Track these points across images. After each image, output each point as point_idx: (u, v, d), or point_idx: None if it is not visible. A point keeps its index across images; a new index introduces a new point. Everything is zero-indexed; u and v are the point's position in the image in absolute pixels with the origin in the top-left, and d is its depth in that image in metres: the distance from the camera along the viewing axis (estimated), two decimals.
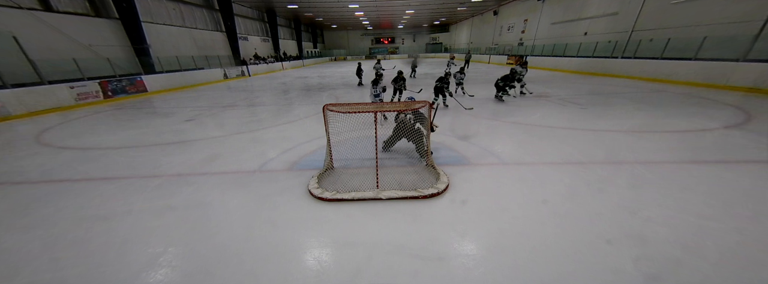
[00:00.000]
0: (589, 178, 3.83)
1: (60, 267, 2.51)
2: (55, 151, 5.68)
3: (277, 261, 2.51)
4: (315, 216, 3.17)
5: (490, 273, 2.30)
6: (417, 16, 35.42)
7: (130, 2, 13.71)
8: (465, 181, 3.84)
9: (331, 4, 26.41)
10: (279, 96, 12.19)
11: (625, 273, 2.24)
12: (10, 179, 4.43)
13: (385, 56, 47.40)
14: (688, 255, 2.41)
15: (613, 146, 4.97)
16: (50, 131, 7.24)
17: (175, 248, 2.72)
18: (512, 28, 27.75)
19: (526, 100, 9.25)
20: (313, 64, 38.40)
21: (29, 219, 3.31)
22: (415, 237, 2.76)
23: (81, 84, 10.68)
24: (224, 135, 6.36)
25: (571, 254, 2.46)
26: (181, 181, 4.14)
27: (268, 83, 17.60)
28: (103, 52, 13.06)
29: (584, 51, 16.89)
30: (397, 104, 4.14)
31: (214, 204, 3.48)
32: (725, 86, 9.60)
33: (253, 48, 27.35)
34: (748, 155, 4.41)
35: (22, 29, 10.22)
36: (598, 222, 2.88)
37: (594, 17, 17.34)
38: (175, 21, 18.16)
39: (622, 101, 8.51)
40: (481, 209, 3.20)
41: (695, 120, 6.28)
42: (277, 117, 6.10)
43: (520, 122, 6.64)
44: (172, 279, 2.35)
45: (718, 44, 10.34)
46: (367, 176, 4.00)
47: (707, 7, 11.39)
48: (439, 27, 48.79)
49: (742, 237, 2.61)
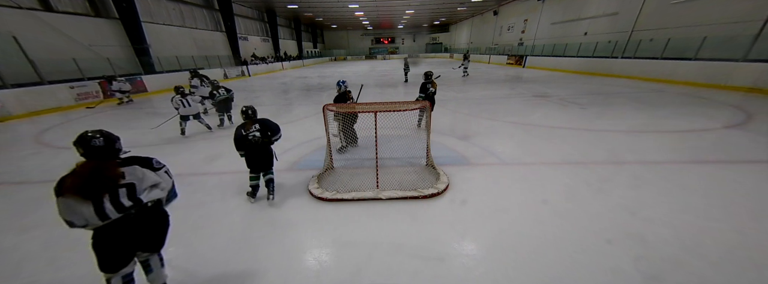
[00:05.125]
0: (589, 178, 3.83)
1: (60, 267, 2.52)
2: (55, 151, 5.68)
3: (277, 261, 2.51)
4: (315, 216, 3.17)
5: (490, 273, 2.30)
6: (417, 16, 35.42)
7: (130, 2, 13.71)
8: (465, 181, 3.84)
9: (331, 4, 26.41)
10: (279, 96, 12.18)
11: (625, 273, 2.24)
12: (10, 179, 4.44)
13: (384, 56, 47.41)
14: (688, 255, 2.41)
15: (613, 146, 4.97)
16: (50, 131, 7.25)
17: (175, 248, 2.72)
18: (512, 28, 27.76)
19: (526, 100, 9.25)
20: (313, 64, 38.41)
21: (29, 219, 3.31)
22: (415, 237, 2.76)
23: (81, 84, 10.69)
24: (224, 135, 6.35)
25: (571, 254, 2.47)
26: (181, 181, 4.12)
27: (268, 82, 17.60)
28: (103, 52, 13.06)
29: (584, 51, 16.88)
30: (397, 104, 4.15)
31: (214, 204, 3.48)
32: (725, 86, 9.60)
33: (253, 48, 27.35)
34: (748, 155, 4.41)
35: (22, 29, 10.22)
36: (598, 222, 2.88)
37: (594, 17, 17.34)
38: (175, 21, 18.16)
39: (622, 101, 8.52)
40: (481, 209, 3.20)
41: (695, 120, 6.28)
42: (277, 117, 6.06)
43: (520, 122, 6.64)
44: (173, 279, 2.35)
45: (718, 44, 10.34)
46: (367, 176, 4.00)
47: (707, 7, 11.39)
48: (439, 27, 48.78)
49: (742, 237, 2.61)
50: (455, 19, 42.20)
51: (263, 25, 30.16)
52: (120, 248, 1.79)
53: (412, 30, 50.45)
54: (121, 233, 1.75)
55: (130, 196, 1.72)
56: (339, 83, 4.87)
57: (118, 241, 1.76)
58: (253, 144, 3.25)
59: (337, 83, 4.89)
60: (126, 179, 1.73)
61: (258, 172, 3.50)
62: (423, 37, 51.75)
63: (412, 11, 31.51)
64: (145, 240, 1.90)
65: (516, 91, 11.16)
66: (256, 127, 3.28)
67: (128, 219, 1.74)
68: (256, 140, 3.24)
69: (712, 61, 10.20)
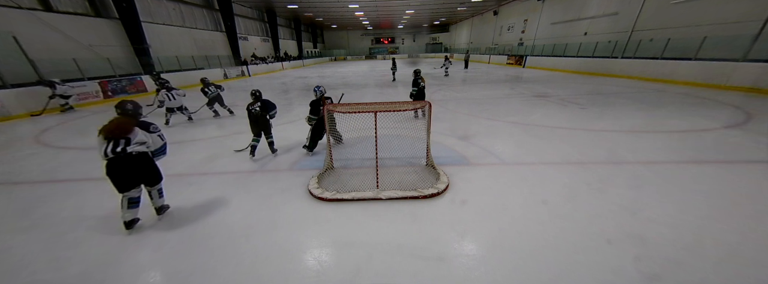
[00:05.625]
0: (589, 178, 3.83)
1: (60, 267, 2.51)
2: (55, 151, 5.69)
3: (277, 261, 2.51)
4: (315, 216, 3.17)
5: (490, 273, 2.30)
6: (417, 16, 35.43)
7: (130, 2, 13.71)
8: (465, 181, 3.84)
9: (331, 4, 26.42)
10: (279, 96, 12.19)
11: (625, 273, 2.24)
12: (10, 179, 4.44)
13: (384, 56, 47.40)
14: (688, 255, 2.41)
15: (613, 146, 4.97)
16: (50, 131, 7.25)
17: (175, 248, 2.72)
18: (512, 28, 27.76)
19: (526, 100, 9.25)
20: (313, 64, 38.41)
21: (30, 218, 3.31)
22: (415, 237, 2.75)
23: (81, 84, 10.68)
24: (224, 135, 6.36)
25: (571, 254, 2.46)
26: (181, 181, 4.14)
27: (268, 82, 17.60)
28: (103, 52, 13.07)
29: (584, 51, 16.89)
30: (396, 104, 4.15)
31: (214, 204, 3.48)
32: (725, 86, 9.60)
33: (253, 48, 27.35)
34: (748, 155, 4.41)
35: (22, 29, 10.22)
36: (598, 222, 2.88)
37: (594, 17, 17.34)
38: (175, 21, 18.16)
39: (622, 101, 8.52)
40: (481, 209, 3.20)
41: (695, 120, 6.28)
42: (277, 117, 6.12)
43: (520, 122, 6.64)
44: (172, 279, 2.35)
45: (718, 44, 10.34)
46: (367, 176, 4.00)
47: (707, 7, 11.39)
48: (439, 27, 48.79)
49: (742, 237, 2.61)
50: (455, 19, 42.20)
51: (263, 25, 30.17)
52: (120, 177, 2.74)
53: (412, 30, 50.47)
54: (118, 168, 2.70)
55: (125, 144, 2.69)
56: (315, 88, 4.85)
57: (117, 173, 2.71)
58: (253, 115, 4.67)
59: (314, 89, 4.87)
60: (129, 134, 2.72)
61: (258, 136, 4.85)
62: (423, 37, 51.75)
63: (412, 11, 31.53)
64: (141, 176, 2.89)
65: (516, 91, 11.17)
66: (259, 104, 4.64)
67: (123, 159, 2.69)
68: (255, 113, 4.65)
69: (712, 61, 10.20)
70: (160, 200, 3.18)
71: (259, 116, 4.68)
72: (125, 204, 2.86)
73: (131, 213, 2.90)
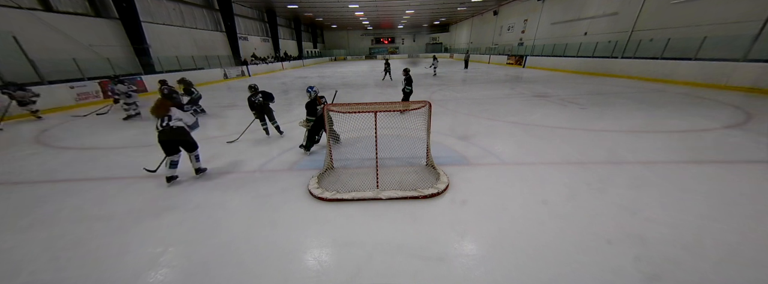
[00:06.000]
0: (589, 178, 3.83)
1: (60, 267, 2.51)
2: (56, 151, 5.69)
3: (277, 261, 2.51)
4: (315, 216, 3.17)
5: (490, 273, 2.30)
6: (417, 16, 35.42)
7: (130, 2, 13.71)
8: (465, 181, 3.84)
9: (331, 4, 26.41)
10: (279, 96, 12.16)
11: (625, 273, 2.24)
12: (10, 179, 4.44)
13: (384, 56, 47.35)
14: (688, 255, 2.41)
15: (613, 146, 4.97)
16: (50, 131, 7.25)
17: (175, 248, 2.72)
18: (512, 28, 27.76)
19: (526, 100, 9.25)
20: (313, 64, 38.40)
21: (29, 218, 3.31)
22: (415, 237, 2.76)
23: (81, 84, 10.69)
24: (224, 135, 6.35)
25: (571, 254, 2.47)
26: (182, 180, 4.14)
27: (268, 82, 17.59)
28: (103, 52, 13.06)
29: (584, 51, 16.89)
30: (396, 104, 4.15)
31: (214, 204, 3.48)
32: (725, 86, 9.60)
33: (253, 48, 27.34)
34: (748, 155, 4.41)
35: (22, 29, 10.22)
36: (598, 222, 2.88)
37: (594, 17, 17.34)
38: (175, 21, 18.15)
39: (622, 101, 8.52)
40: (481, 209, 3.20)
41: (695, 120, 6.28)
42: (277, 117, 6.14)
43: (520, 122, 6.63)
44: (173, 279, 2.35)
45: (718, 44, 10.34)
46: (367, 176, 4.00)
47: (707, 7, 11.39)
48: (439, 27, 48.78)
49: (742, 237, 2.61)
50: (455, 19, 42.19)
51: (263, 25, 30.16)
52: (166, 144, 3.77)
53: (412, 30, 50.45)
54: (164, 137, 3.73)
55: (168, 120, 3.77)
56: (308, 89, 4.84)
57: (164, 141, 3.74)
58: (257, 105, 5.60)
59: (307, 90, 4.85)
60: (169, 112, 3.82)
61: (264, 121, 5.89)
62: (423, 37, 51.72)
63: (412, 11, 31.52)
64: (181, 144, 3.89)
65: (516, 91, 11.17)
66: (260, 95, 5.59)
67: (167, 131, 3.72)
68: (259, 102, 5.59)
69: (712, 61, 10.20)
70: (198, 163, 4.13)
71: (263, 105, 5.59)
72: (168, 164, 3.87)
73: (172, 171, 3.91)
